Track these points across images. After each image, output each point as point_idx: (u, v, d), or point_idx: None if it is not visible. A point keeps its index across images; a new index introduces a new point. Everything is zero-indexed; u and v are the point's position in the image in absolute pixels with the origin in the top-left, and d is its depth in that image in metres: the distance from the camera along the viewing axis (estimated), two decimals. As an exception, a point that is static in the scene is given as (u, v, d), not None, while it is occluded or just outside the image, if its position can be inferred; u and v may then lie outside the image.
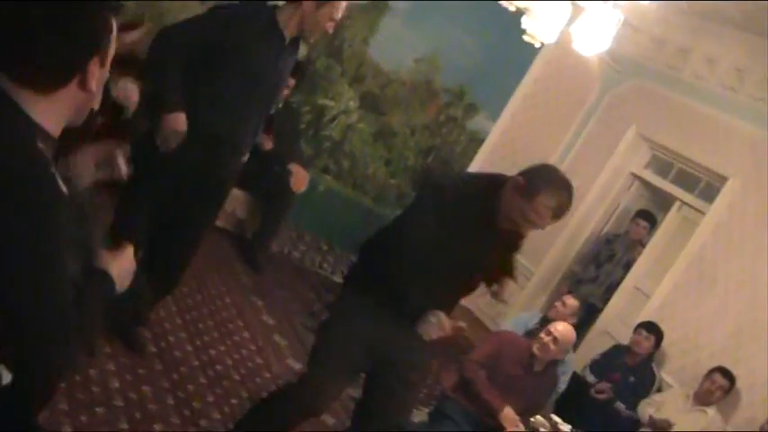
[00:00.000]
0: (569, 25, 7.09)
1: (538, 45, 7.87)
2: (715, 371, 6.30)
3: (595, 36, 6.97)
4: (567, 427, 5.12)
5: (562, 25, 7.18)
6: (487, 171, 3.63)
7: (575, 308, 6.44)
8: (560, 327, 5.14)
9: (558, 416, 5.27)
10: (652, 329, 6.68)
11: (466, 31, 8.15)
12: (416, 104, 8.34)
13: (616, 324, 7.69)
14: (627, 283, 7.78)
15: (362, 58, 7.94)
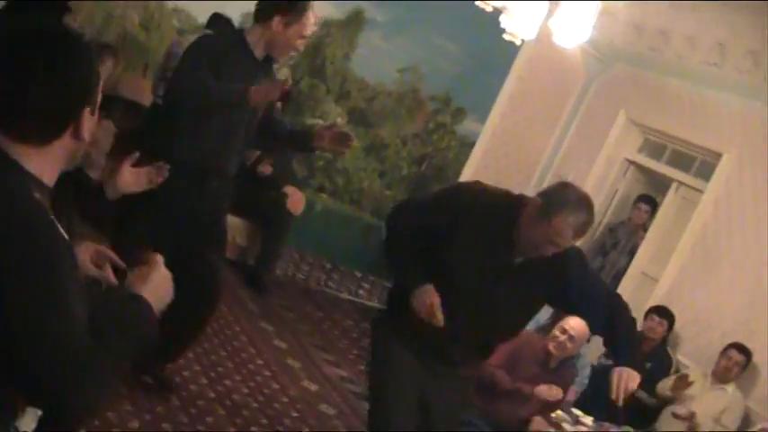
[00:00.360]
0: (548, 20, 7.12)
1: (518, 43, 7.90)
2: (730, 347, 6.28)
3: (575, 28, 6.99)
4: (588, 420, 5.11)
5: (541, 21, 7.21)
6: (493, 190, 3.45)
7: (584, 300, 6.41)
8: (573, 322, 5.12)
9: (579, 409, 5.25)
10: (663, 313, 6.66)
11: (445, 37, 8.17)
12: (404, 114, 8.35)
13: (627, 311, 7.67)
14: (633, 269, 7.77)
15: (346, 74, 7.95)
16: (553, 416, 4.90)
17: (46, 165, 1.75)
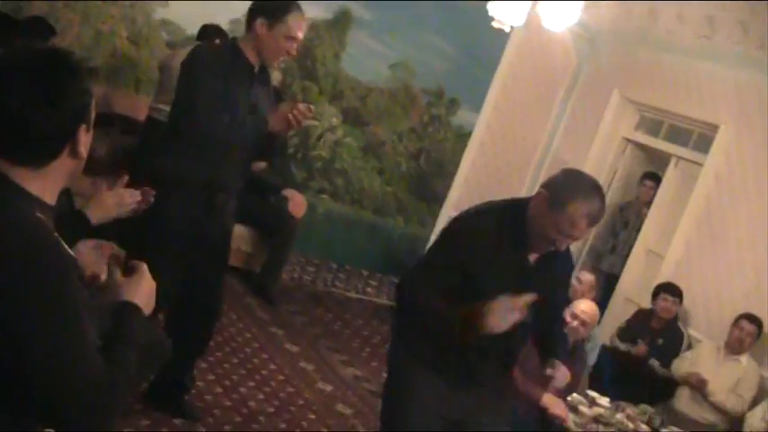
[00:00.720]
0: (536, 5, 7.12)
1: (507, 30, 7.89)
2: (741, 318, 6.29)
3: (563, 11, 6.99)
4: (604, 401, 5.11)
5: (528, 6, 7.21)
6: (488, 205, 3.23)
7: (591, 282, 6.40)
8: (584, 306, 5.11)
9: (594, 390, 5.26)
10: (674, 291, 6.65)
11: (434, 31, 8.17)
12: (398, 110, 8.34)
13: (636, 290, 7.68)
14: (638, 247, 7.78)
15: (337, 74, 7.95)
16: (569, 399, 4.90)
17: (47, 185, 1.78)
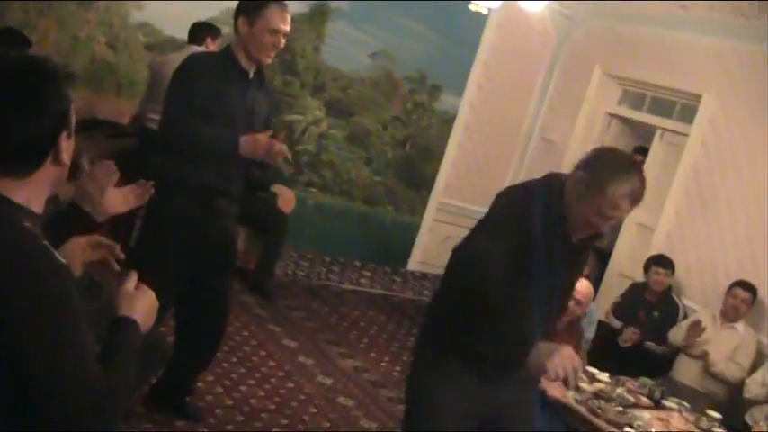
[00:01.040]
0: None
1: (485, 12, 7.89)
2: (735, 285, 6.30)
3: (539, -11, 6.99)
4: (604, 376, 5.13)
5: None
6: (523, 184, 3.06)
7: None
8: (578, 285, 5.12)
9: (594, 366, 5.27)
10: (666, 263, 6.66)
11: (411, 17, 8.15)
12: (382, 99, 8.34)
13: (628, 264, 7.70)
14: (628, 222, 7.78)
15: (318, 66, 7.94)
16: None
17: (32, 193, 1.78)
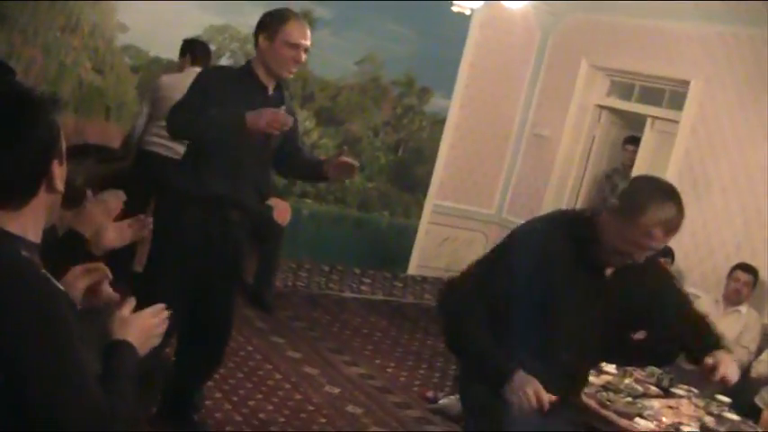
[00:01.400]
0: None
1: (468, 12, 7.90)
2: (736, 269, 6.30)
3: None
4: (611, 367, 5.12)
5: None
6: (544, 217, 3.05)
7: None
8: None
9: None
10: (664, 252, 6.62)
11: (395, 21, 8.15)
12: (371, 105, 8.33)
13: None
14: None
15: (305, 76, 7.92)
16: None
17: (28, 223, 1.77)
